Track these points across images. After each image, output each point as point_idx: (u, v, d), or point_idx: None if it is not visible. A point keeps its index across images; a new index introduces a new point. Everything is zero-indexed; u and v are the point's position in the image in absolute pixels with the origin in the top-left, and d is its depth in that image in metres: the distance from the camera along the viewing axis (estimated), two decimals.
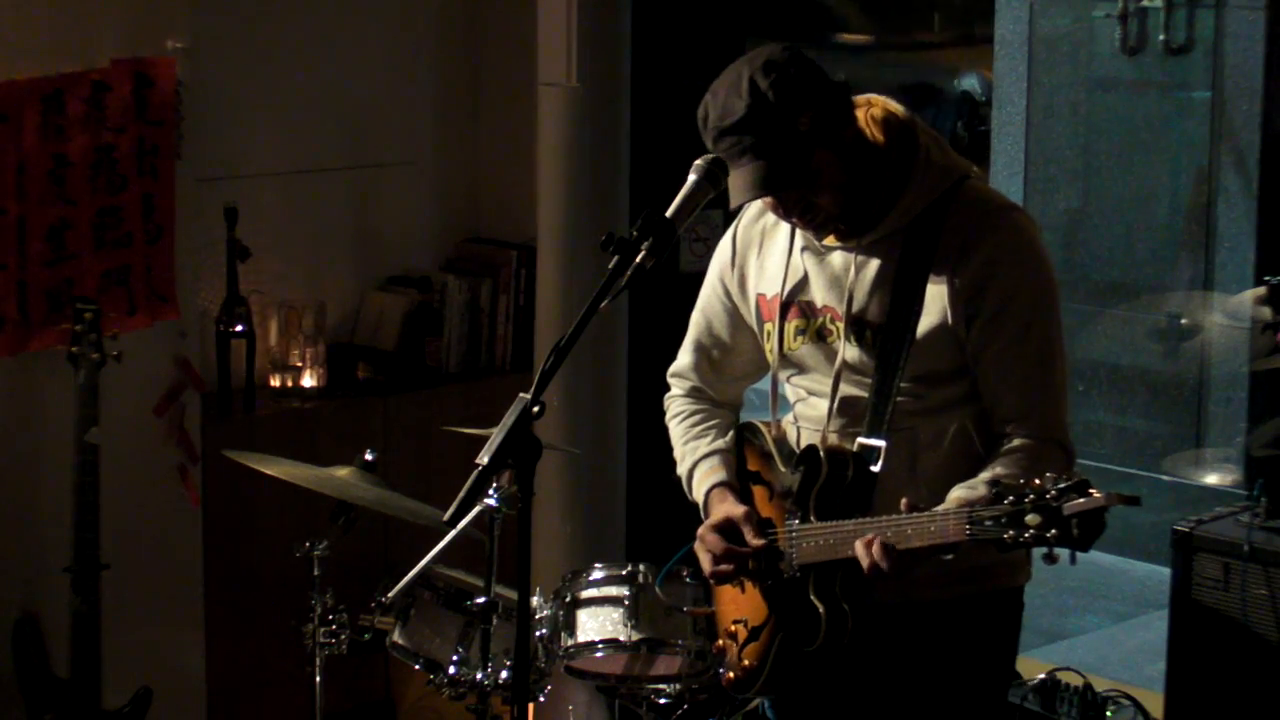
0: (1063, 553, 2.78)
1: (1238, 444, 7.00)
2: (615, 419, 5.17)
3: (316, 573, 4.14)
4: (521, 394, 2.82)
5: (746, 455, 3.40)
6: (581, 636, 3.95)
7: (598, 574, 4.00)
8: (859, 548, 3.01)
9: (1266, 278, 4.83)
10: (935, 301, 3.14)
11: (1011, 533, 2.80)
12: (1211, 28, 7.16)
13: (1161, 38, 7.28)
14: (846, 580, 3.10)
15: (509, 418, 2.80)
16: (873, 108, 3.21)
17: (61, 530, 4.35)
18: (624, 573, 3.97)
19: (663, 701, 4.06)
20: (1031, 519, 2.78)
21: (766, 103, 3.02)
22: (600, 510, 5.15)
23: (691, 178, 3.01)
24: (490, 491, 3.91)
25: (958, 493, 3.05)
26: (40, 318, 4.43)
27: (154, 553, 4.73)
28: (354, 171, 5.46)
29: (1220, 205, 7.21)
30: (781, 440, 3.35)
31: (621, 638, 3.91)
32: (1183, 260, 7.33)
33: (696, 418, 3.47)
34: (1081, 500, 2.75)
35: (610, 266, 2.90)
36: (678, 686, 3.99)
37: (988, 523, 2.84)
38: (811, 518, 3.15)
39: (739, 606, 3.35)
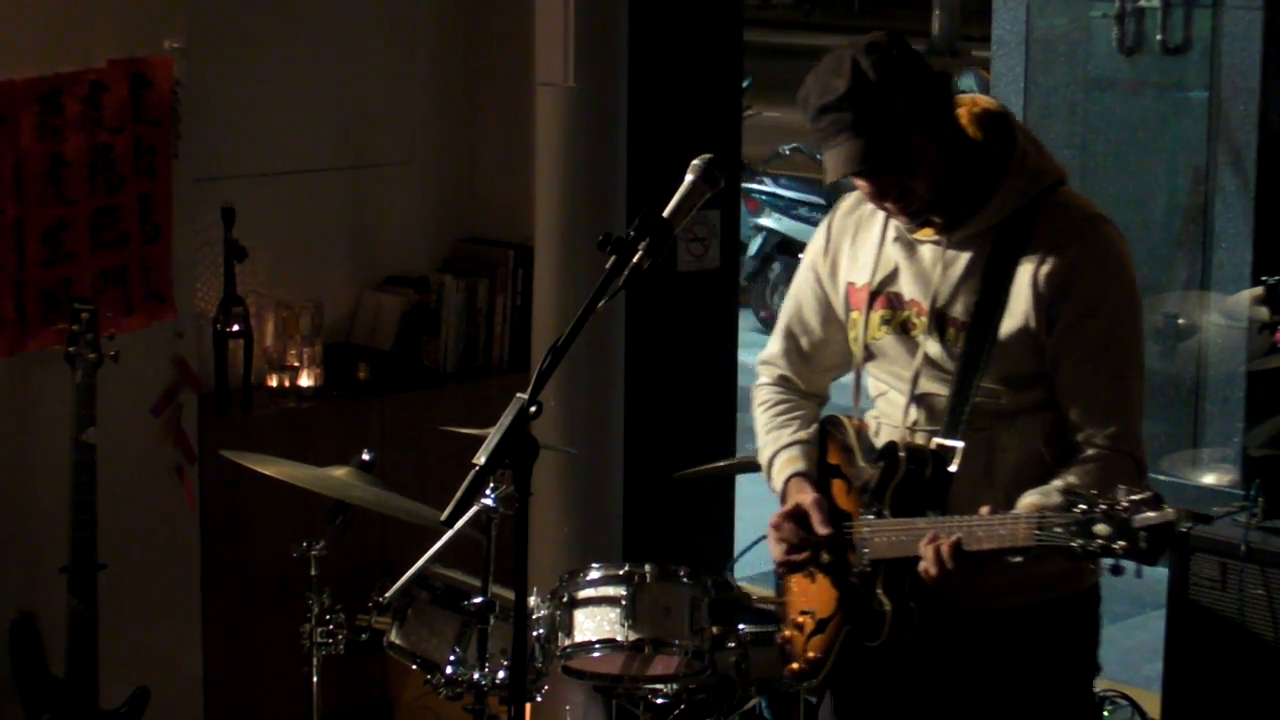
0: (1129, 565, 2.75)
1: (1235, 444, 6.99)
2: (612, 419, 5.16)
3: (314, 573, 4.14)
4: (518, 394, 2.81)
5: (829, 448, 3.38)
6: (579, 636, 3.95)
7: (595, 574, 3.99)
8: (923, 547, 3.01)
9: (1264, 277, 4.83)
10: (1019, 304, 3.13)
11: (1080, 541, 2.78)
12: (1209, 28, 7.16)
13: (1159, 38, 7.28)
14: (916, 578, 3.08)
15: (506, 418, 2.80)
16: (974, 106, 3.22)
17: (58, 530, 4.34)
18: (621, 573, 3.97)
19: (660, 701, 4.06)
20: (1101, 529, 2.76)
21: (867, 81, 3.04)
22: (597, 510, 5.15)
23: (689, 178, 3.01)
24: (487, 492, 3.92)
25: (1030, 498, 3.04)
26: (37, 318, 4.43)
27: (151, 552, 4.72)
28: (351, 171, 5.45)
29: (1217, 205, 7.20)
30: (863, 434, 3.33)
31: (618, 638, 3.91)
32: (1180, 260, 7.33)
33: (781, 407, 3.46)
34: (1153, 514, 2.73)
35: (607, 266, 2.90)
36: (675, 686, 3.99)
37: (1057, 529, 2.82)
38: (887, 513, 3.15)
39: (808, 597, 3.33)
